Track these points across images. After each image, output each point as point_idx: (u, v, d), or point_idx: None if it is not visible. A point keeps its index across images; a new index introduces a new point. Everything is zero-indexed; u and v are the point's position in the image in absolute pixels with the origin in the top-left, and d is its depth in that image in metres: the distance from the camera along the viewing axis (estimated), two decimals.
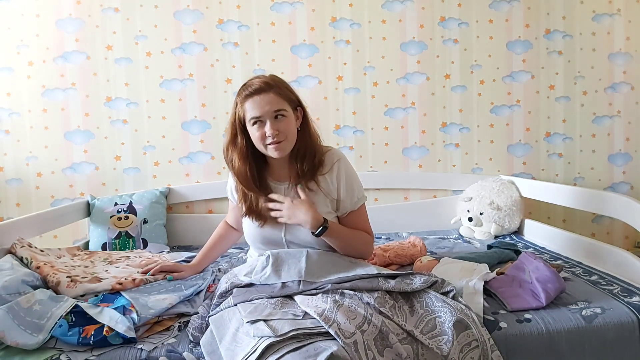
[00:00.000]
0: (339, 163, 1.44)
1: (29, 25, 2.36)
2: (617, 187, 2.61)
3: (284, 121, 1.35)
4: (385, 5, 2.48)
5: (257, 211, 1.42)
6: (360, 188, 1.47)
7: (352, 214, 1.45)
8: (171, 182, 2.46)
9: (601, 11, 2.54)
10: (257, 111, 1.34)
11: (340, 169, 1.43)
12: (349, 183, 1.43)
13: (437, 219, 2.48)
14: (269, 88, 1.34)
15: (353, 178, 1.45)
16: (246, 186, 1.41)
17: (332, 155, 1.44)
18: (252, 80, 1.38)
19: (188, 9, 2.41)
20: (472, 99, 2.54)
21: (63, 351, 1.13)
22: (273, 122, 1.34)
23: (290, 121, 1.37)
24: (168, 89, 2.43)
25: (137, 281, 1.44)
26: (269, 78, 1.38)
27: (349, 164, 1.47)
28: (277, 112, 1.34)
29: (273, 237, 1.42)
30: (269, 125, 1.33)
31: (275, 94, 1.35)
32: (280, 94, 1.35)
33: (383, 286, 1.22)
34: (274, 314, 1.12)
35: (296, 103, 1.41)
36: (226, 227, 1.68)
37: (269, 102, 1.33)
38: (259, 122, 1.35)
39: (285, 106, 1.36)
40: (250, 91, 1.35)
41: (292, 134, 1.38)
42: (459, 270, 1.52)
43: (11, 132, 2.38)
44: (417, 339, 1.08)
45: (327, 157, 1.44)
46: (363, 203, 1.47)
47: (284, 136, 1.35)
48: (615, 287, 1.46)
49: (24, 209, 2.39)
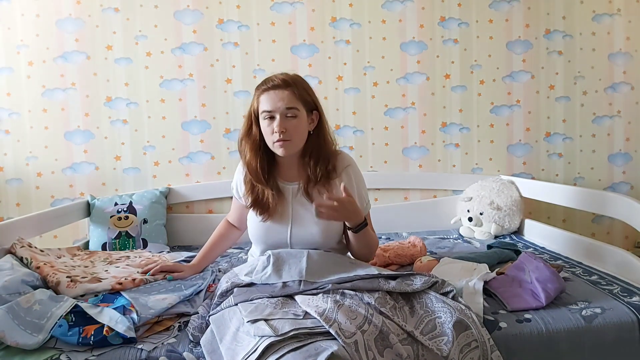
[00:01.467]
0: (350, 169, 1.46)
1: (29, 25, 2.36)
2: (617, 187, 2.62)
3: (294, 121, 1.36)
4: (385, 5, 2.48)
5: (262, 204, 1.43)
6: (367, 194, 1.51)
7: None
8: (171, 182, 2.46)
9: (601, 11, 2.54)
10: (269, 105, 1.36)
11: (351, 174, 1.46)
12: (359, 189, 1.47)
13: (437, 219, 2.48)
14: (285, 85, 1.36)
15: (362, 184, 1.49)
16: (255, 177, 1.43)
17: (342, 160, 1.46)
18: (274, 75, 1.41)
19: (188, 9, 2.41)
20: (472, 99, 2.54)
21: (63, 351, 1.13)
22: (283, 120, 1.35)
23: (301, 122, 1.38)
24: (168, 89, 2.43)
25: (137, 281, 1.44)
26: (290, 76, 1.40)
27: (358, 170, 1.50)
28: (288, 110, 1.35)
29: (276, 234, 1.42)
30: (278, 122, 1.35)
31: (290, 92, 1.36)
32: (295, 94, 1.37)
33: (384, 287, 1.22)
34: (274, 314, 1.11)
35: (312, 106, 1.42)
36: (227, 225, 1.68)
37: (282, 99, 1.35)
38: (269, 117, 1.37)
39: (299, 106, 1.37)
40: (268, 85, 1.37)
41: (301, 135, 1.39)
42: (459, 270, 1.52)
43: (11, 132, 2.38)
44: (417, 339, 1.08)
45: (337, 161, 1.45)
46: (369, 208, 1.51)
47: (290, 136, 1.36)
48: (615, 287, 1.46)
49: (24, 209, 2.39)
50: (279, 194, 1.44)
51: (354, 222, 1.35)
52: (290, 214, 1.43)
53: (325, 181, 1.42)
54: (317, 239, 1.39)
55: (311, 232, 1.38)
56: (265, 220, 1.43)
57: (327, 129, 1.46)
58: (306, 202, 1.42)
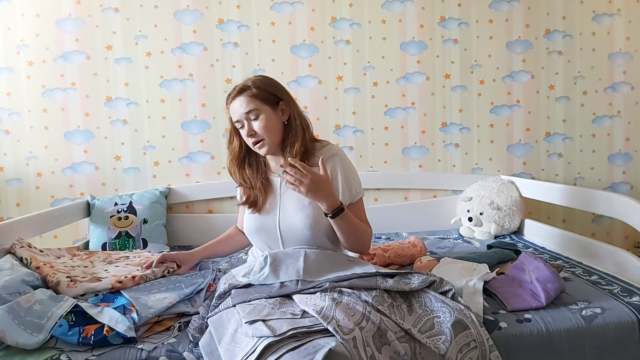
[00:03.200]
0: (337, 157, 1.47)
1: (29, 25, 2.36)
2: (617, 187, 2.61)
3: (258, 121, 1.41)
4: (385, 5, 2.48)
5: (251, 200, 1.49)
6: (359, 184, 1.50)
7: (351, 207, 1.45)
8: (171, 182, 2.46)
9: (601, 11, 2.54)
10: (235, 116, 1.44)
11: (336, 162, 1.46)
12: (347, 176, 1.46)
13: (437, 219, 2.48)
14: (240, 92, 1.43)
15: (351, 172, 1.48)
16: (236, 181, 1.54)
17: (329, 150, 1.48)
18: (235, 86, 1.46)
19: (188, 9, 2.41)
20: (472, 99, 2.54)
21: (63, 351, 1.12)
22: (249, 124, 1.42)
23: (267, 119, 1.41)
24: (168, 89, 2.43)
25: (137, 278, 1.43)
26: (247, 81, 1.44)
27: (347, 159, 1.50)
28: (248, 114, 1.41)
29: (266, 223, 1.46)
30: (246, 128, 1.42)
31: (247, 97, 1.41)
32: (252, 95, 1.41)
33: (381, 285, 1.23)
34: (272, 314, 1.11)
35: (276, 99, 1.44)
36: (235, 229, 1.75)
37: (241, 105, 1.42)
38: (241, 126, 1.44)
39: (258, 105, 1.41)
40: (229, 98, 1.46)
41: (272, 131, 1.42)
42: (459, 270, 1.51)
43: (11, 132, 2.38)
44: (415, 337, 1.09)
45: (324, 152, 1.47)
46: (361, 197, 1.50)
47: (260, 136, 1.42)
48: (615, 287, 1.46)
49: (24, 209, 2.39)
50: (269, 187, 1.50)
51: (328, 205, 1.31)
52: (279, 204, 1.47)
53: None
54: (303, 225, 1.40)
55: (297, 218, 1.41)
56: (254, 212, 1.49)
57: (298, 115, 1.47)
58: (292, 192, 1.40)
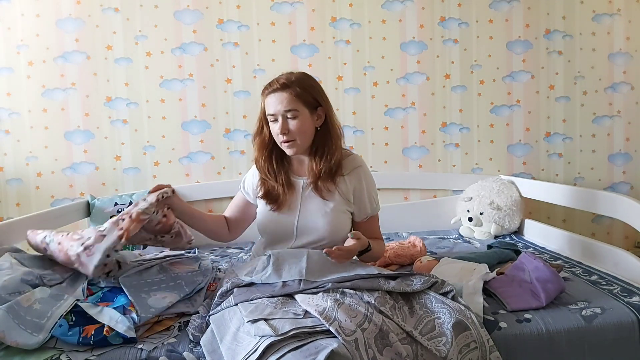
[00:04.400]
0: (361, 169, 1.50)
1: (29, 25, 2.36)
2: (617, 187, 2.62)
3: (295, 122, 1.40)
4: (385, 5, 2.48)
5: (272, 195, 1.48)
6: (377, 196, 1.55)
7: (372, 219, 1.54)
8: (171, 182, 2.45)
9: (601, 11, 2.55)
10: (271, 109, 1.41)
11: (361, 175, 1.49)
12: (369, 190, 1.51)
13: (437, 219, 2.48)
14: (284, 88, 1.40)
15: (373, 186, 1.54)
16: (262, 173, 1.50)
17: (354, 161, 1.51)
18: (276, 77, 1.44)
19: (188, 9, 2.41)
20: (472, 99, 2.54)
21: (63, 351, 1.12)
22: (284, 122, 1.40)
23: (304, 122, 1.41)
24: (168, 89, 2.43)
25: (134, 216, 1.29)
26: (292, 77, 1.42)
27: (369, 171, 1.54)
28: (287, 112, 1.39)
29: (283, 224, 1.48)
30: (280, 124, 1.40)
31: (290, 94, 1.39)
32: (295, 94, 1.39)
33: (383, 286, 1.23)
34: (274, 314, 1.12)
35: (315, 104, 1.44)
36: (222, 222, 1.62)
37: (282, 102, 1.39)
38: (274, 120, 1.42)
39: (299, 107, 1.40)
40: (270, 89, 1.42)
41: (305, 134, 1.42)
42: (459, 270, 1.51)
43: (11, 132, 2.38)
44: (416, 339, 1.09)
45: (348, 161, 1.49)
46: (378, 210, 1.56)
47: (293, 136, 1.41)
48: (615, 287, 1.46)
49: (24, 209, 2.39)
50: (290, 187, 1.49)
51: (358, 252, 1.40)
52: (299, 206, 1.48)
53: (328, 177, 1.44)
54: (323, 231, 1.44)
55: (318, 223, 1.44)
56: (274, 210, 1.48)
57: (334, 124, 1.48)
58: (314, 196, 1.46)
